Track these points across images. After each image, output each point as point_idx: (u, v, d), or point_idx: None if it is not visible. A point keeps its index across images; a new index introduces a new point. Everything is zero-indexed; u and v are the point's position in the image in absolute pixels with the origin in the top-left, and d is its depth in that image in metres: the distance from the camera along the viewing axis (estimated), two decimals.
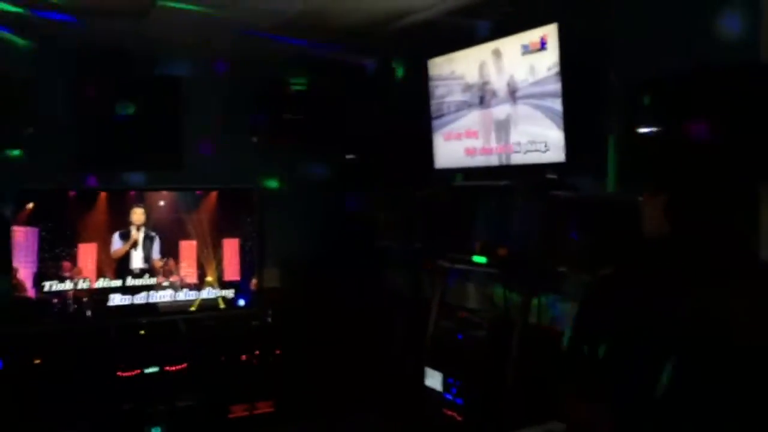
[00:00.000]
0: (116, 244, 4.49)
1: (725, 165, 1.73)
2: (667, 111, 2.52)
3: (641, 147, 2.61)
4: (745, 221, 1.95)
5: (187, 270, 4.65)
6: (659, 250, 1.60)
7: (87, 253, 4.39)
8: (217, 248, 4.70)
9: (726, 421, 1.40)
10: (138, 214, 4.53)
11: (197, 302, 4.67)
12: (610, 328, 1.50)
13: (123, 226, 4.49)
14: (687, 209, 1.58)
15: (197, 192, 4.68)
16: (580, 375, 1.55)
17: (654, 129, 2.53)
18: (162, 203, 4.61)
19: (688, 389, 1.40)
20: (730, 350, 1.40)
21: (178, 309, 4.62)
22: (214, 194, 4.70)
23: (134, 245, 4.52)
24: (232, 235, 4.74)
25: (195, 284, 4.65)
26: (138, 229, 4.53)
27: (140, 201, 4.54)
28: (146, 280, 4.54)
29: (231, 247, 4.74)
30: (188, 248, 4.65)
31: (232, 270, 4.74)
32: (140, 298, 4.53)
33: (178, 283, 4.63)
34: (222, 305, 4.71)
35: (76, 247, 4.35)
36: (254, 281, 4.77)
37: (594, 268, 2.38)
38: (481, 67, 3.76)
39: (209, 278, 4.68)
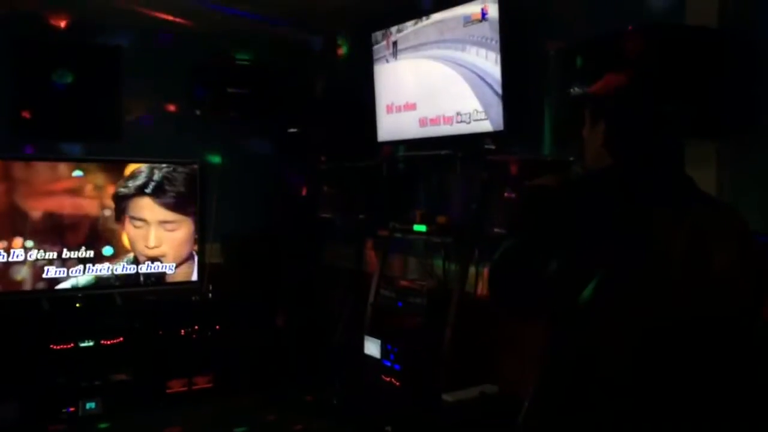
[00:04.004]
0: None
1: (660, 105, 1.74)
2: (599, 70, 2.58)
3: (574, 107, 2.67)
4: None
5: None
6: (598, 178, 1.60)
7: None
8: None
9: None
10: None
11: (137, 277, 4.63)
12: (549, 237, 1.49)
13: None
14: (625, 138, 1.58)
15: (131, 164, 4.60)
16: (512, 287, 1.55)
17: (587, 89, 2.59)
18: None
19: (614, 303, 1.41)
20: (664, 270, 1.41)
21: (116, 282, 4.56)
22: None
23: None
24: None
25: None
26: None
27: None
28: (83, 253, 4.47)
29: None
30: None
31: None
32: (77, 271, 4.45)
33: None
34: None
35: None
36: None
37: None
38: (423, 38, 3.80)
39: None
